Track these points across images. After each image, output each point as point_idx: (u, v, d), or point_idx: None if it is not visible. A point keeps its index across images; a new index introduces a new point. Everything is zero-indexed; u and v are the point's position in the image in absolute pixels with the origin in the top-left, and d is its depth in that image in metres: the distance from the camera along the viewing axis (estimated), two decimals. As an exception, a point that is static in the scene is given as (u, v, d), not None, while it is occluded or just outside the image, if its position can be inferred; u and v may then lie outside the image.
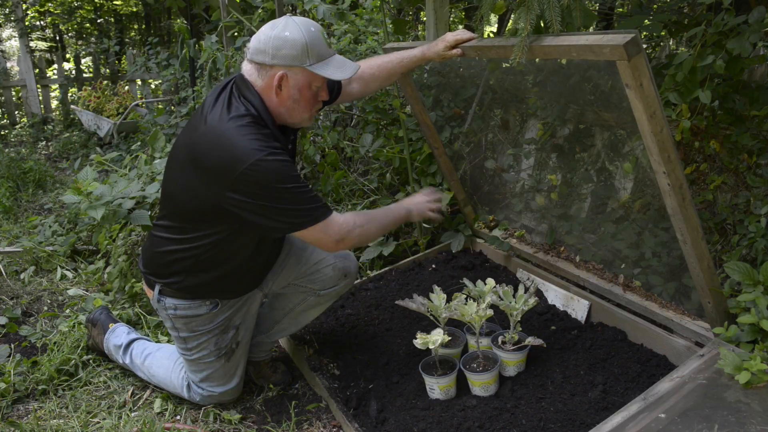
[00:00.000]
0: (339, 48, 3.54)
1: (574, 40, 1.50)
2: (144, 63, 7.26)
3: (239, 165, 1.61)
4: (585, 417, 1.72)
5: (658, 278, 2.15)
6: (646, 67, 1.39)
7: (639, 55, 1.36)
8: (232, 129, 1.65)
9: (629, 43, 1.34)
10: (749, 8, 1.94)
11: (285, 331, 2.18)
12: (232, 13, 3.50)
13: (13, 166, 4.77)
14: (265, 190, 1.64)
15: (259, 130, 1.67)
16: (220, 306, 1.92)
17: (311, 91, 1.75)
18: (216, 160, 1.65)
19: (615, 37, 1.37)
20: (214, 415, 2.03)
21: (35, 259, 3.23)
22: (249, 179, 1.62)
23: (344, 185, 3.30)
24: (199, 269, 1.85)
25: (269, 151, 1.63)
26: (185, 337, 1.95)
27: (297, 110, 1.77)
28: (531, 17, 1.62)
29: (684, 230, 1.62)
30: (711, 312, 1.79)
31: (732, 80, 2.15)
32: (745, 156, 2.16)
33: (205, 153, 1.68)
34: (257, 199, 1.65)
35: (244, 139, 1.63)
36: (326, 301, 2.13)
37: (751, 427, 1.36)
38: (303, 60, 1.68)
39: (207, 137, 1.68)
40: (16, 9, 7.10)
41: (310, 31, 1.69)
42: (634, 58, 1.36)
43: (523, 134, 2.96)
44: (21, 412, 2.08)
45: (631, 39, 1.34)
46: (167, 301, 1.91)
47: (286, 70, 1.69)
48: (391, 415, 1.87)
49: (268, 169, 1.62)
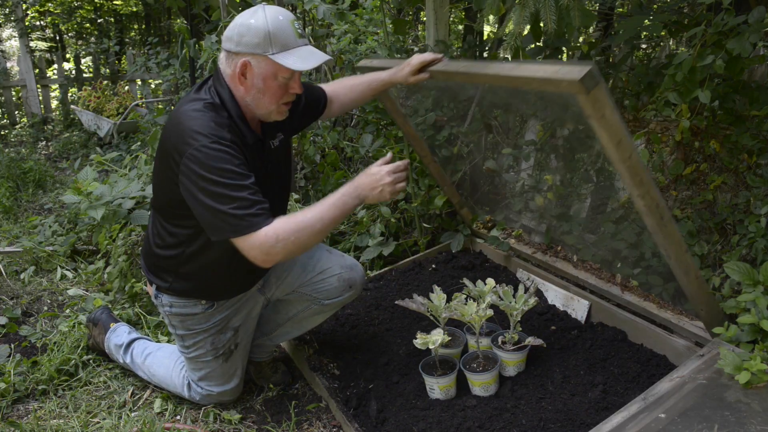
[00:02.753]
0: (339, 48, 3.54)
1: (533, 71, 1.45)
2: (144, 63, 7.25)
3: (186, 147, 1.60)
4: (585, 417, 1.72)
5: (658, 278, 2.15)
6: (606, 98, 1.34)
7: (598, 86, 1.32)
8: (187, 112, 1.66)
9: (586, 77, 1.29)
10: (749, 8, 1.94)
11: (288, 334, 2.17)
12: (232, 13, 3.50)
13: (13, 166, 4.77)
14: (199, 178, 1.59)
15: (214, 117, 1.65)
16: (216, 306, 1.91)
17: (277, 82, 1.69)
18: (171, 144, 1.66)
19: (572, 70, 1.32)
20: (214, 415, 2.02)
21: (35, 259, 3.23)
22: (190, 162, 1.59)
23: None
24: (183, 267, 1.83)
25: (214, 139, 1.60)
26: (182, 335, 1.96)
27: (262, 101, 1.71)
28: (525, 14, 1.61)
29: (666, 246, 1.60)
30: (706, 318, 1.79)
31: (732, 80, 2.15)
32: (745, 156, 2.16)
33: (165, 138, 1.70)
34: (192, 185, 1.61)
35: (194, 122, 1.62)
36: (329, 310, 2.10)
37: (751, 427, 1.36)
38: (266, 48, 1.64)
39: (168, 122, 1.71)
40: (16, 9, 7.10)
41: (277, 20, 1.64)
42: (593, 91, 1.32)
43: (523, 135, 2.96)
44: (21, 412, 2.08)
45: (587, 73, 1.29)
46: (164, 298, 1.92)
47: (249, 57, 1.66)
48: (391, 415, 1.87)
49: (208, 156, 1.57)
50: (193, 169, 1.59)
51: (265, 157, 1.83)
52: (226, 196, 1.58)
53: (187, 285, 1.87)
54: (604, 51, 3.19)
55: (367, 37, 3.68)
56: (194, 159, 1.58)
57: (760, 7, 1.89)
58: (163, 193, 1.77)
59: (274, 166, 1.88)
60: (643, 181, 1.48)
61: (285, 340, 2.20)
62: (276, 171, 1.90)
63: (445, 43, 3.29)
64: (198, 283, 1.87)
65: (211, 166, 1.57)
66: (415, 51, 3.38)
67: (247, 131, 1.73)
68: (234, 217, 1.58)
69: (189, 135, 1.60)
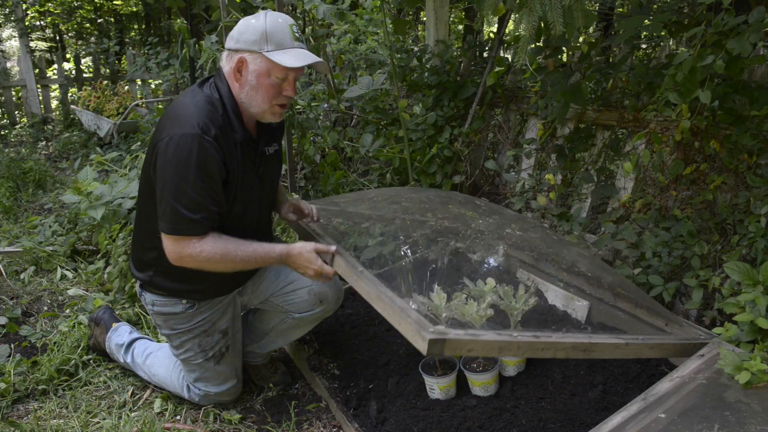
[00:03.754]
0: (339, 48, 3.54)
1: (391, 313, 1.47)
2: (144, 63, 7.25)
3: (171, 131, 1.65)
4: (585, 417, 1.72)
5: (658, 278, 2.15)
6: (462, 339, 1.35)
7: (446, 343, 1.32)
8: (183, 101, 1.72)
9: (431, 345, 1.29)
10: (749, 8, 1.94)
11: (275, 343, 2.16)
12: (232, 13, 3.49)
13: (13, 166, 4.76)
14: (169, 162, 1.64)
15: (208, 110, 1.68)
16: (197, 307, 1.90)
17: (270, 80, 1.71)
18: (161, 126, 1.71)
19: (416, 335, 1.33)
20: (214, 415, 2.02)
21: (35, 259, 3.23)
22: (169, 147, 1.63)
23: (344, 185, 3.30)
24: (164, 262, 1.82)
25: (198, 131, 1.63)
26: (168, 335, 1.96)
27: (255, 99, 1.74)
28: (533, 19, 1.60)
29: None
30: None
31: (732, 80, 2.15)
32: (745, 156, 2.16)
33: (160, 125, 1.73)
34: (162, 169, 1.66)
35: (186, 110, 1.68)
36: (305, 324, 2.07)
37: (751, 427, 1.36)
38: (261, 45, 1.68)
39: (165, 111, 1.77)
40: (16, 9, 7.09)
41: (276, 22, 1.70)
42: (444, 347, 1.32)
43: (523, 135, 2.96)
44: (21, 412, 2.08)
45: (430, 341, 1.29)
46: (147, 296, 1.92)
47: (246, 54, 1.70)
48: (391, 415, 1.87)
49: (185, 147, 1.62)
50: (168, 154, 1.64)
51: (257, 160, 1.85)
52: (182, 190, 1.64)
53: (167, 280, 1.86)
54: (604, 51, 3.19)
55: (367, 37, 3.68)
56: (175, 144, 1.63)
57: (760, 7, 1.88)
58: (148, 185, 1.79)
59: (267, 171, 1.91)
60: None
61: (274, 348, 2.19)
62: (269, 176, 1.94)
63: (445, 43, 3.29)
64: (178, 280, 1.85)
65: (184, 158, 1.62)
66: (416, 51, 3.38)
67: (239, 128, 1.75)
68: (184, 219, 1.66)
69: (177, 121, 1.66)
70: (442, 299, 1.96)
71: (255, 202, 1.87)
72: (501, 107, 3.17)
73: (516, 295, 2.02)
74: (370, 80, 3.29)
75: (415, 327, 1.35)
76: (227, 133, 1.71)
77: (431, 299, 1.97)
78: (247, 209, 1.84)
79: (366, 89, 3.25)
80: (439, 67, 3.22)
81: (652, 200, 2.42)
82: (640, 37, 3.47)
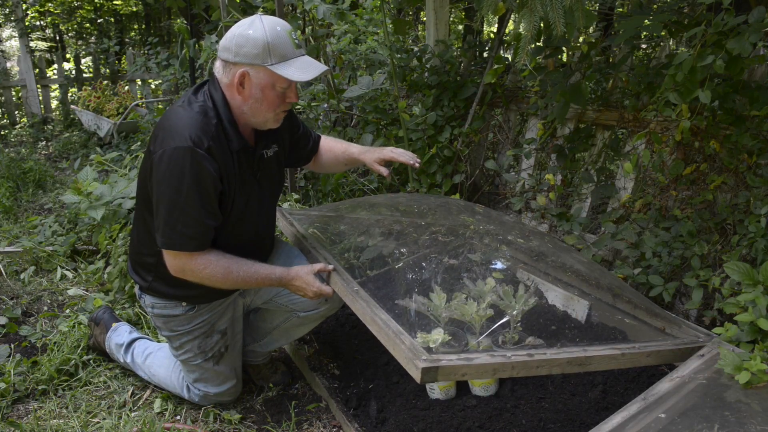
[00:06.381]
0: (339, 48, 3.54)
1: (385, 336, 1.51)
2: (144, 63, 7.25)
3: (165, 144, 1.64)
4: (585, 417, 1.73)
5: (658, 278, 2.15)
6: (455, 366, 1.40)
7: (440, 371, 1.36)
8: (177, 111, 1.71)
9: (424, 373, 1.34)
10: (749, 8, 1.94)
11: (276, 342, 2.16)
12: (232, 13, 3.50)
13: (13, 166, 4.76)
14: (165, 176, 1.64)
15: (202, 121, 1.67)
16: (197, 309, 1.90)
17: (275, 92, 1.71)
18: (155, 136, 1.71)
19: (411, 362, 1.37)
20: (214, 415, 2.02)
21: (35, 259, 3.23)
22: (163, 161, 1.63)
23: (344, 185, 3.30)
24: (162, 267, 1.82)
25: (189, 144, 1.62)
26: (168, 336, 1.96)
27: (260, 110, 1.73)
28: (534, 19, 1.60)
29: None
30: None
31: (732, 80, 2.15)
32: (745, 156, 2.16)
33: (154, 135, 1.73)
34: (157, 183, 1.66)
35: (180, 122, 1.67)
36: (310, 322, 2.07)
37: (751, 427, 1.36)
38: (264, 59, 1.66)
39: (160, 120, 1.76)
40: (16, 9, 7.09)
41: (275, 31, 1.66)
42: (438, 374, 1.37)
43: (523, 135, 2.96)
44: (21, 412, 2.08)
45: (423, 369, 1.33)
46: (146, 298, 1.92)
47: (248, 68, 1.68)
48: (391, 415, 1.87)
49: (179, 161, 1.62)
50: (161, 168, 1.64)
51: (255, 165, 1.84)
52: (176, 205, 1.64)
53: (166, 285, 1.86)
54: (604, 51, 3.19)
55: (367, 37, 3.69)
56: (169, 159, 1.63)
57: (760, 7, 1.88)
58: (144, 192, 1.78)
59: (266, 175, 1.90)
60: None
61: (276, 347, 2.19)
62: (269, 179, 1.92)
63: (445, 43, 3.29)
64: (176, 285, 1.84)
65: (178, 172, 1.62)
66: (416, 51, 3.38)
67: (234, 136, 1.74)
68: (181, 235, 1.66)
69: (170, 134, 1.65)
70: (442, 299, 1.96)
71: (254, 207, 1.86)
72: (501, 107, 3.17)
73: (516, 295, 2.02)
74: (370, 80, 3.30)
75: (408, 355, 1.37)
76: (221, 143, 1.70)
77: (431, 299, 1.97)
78: (246, 215, 1.83)
79: (366, 89, 3.25)
80: (439, 67, 3.22)
81: (652, 200, 2.42)
82: (640, 37, 3.46)
